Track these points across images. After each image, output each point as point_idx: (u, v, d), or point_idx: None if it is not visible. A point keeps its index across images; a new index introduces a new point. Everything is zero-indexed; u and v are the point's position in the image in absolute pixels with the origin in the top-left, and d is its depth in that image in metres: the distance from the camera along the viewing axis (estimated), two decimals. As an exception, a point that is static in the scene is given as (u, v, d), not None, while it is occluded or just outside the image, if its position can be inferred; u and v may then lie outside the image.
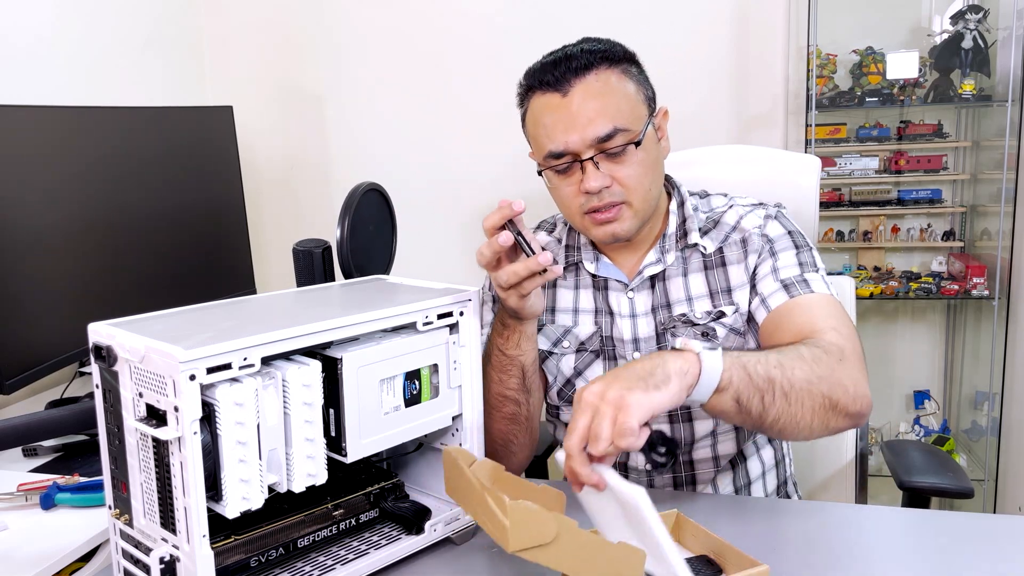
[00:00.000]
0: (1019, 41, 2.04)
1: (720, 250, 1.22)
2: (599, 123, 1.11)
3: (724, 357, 0.90)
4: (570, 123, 1.12)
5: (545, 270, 0.99)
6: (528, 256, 0.99)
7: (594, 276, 1.26)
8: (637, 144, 1.13)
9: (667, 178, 1.27)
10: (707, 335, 1.20)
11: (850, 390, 0.99)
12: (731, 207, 1.25)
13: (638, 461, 1.25)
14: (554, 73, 1.13)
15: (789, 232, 1.21)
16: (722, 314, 1.20)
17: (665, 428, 1.23)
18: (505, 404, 1.16)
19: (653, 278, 1.23)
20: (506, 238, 0.99)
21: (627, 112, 1.13)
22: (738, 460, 1.27)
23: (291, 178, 2.51)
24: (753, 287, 1.19)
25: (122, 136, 1.77)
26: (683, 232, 1.23)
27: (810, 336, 1.05)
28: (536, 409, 1.21)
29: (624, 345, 1.23)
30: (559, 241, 1.30)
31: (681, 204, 1.25)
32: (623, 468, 1.27)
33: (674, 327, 1.21)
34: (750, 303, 1.19)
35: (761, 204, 1.25)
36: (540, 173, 1.18)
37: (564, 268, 1.27)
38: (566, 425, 1.30)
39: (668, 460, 0.88)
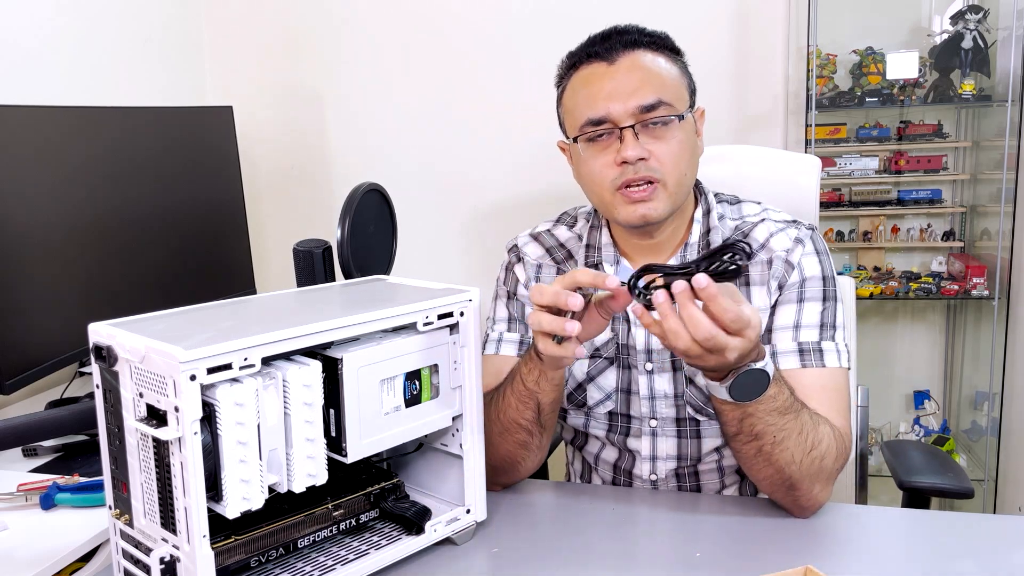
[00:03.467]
0: (1019, 41, 2.04)
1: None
2: (644, 92, 1.10)
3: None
4: (614, 90, 1.11)
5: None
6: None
7: None
8: (680, 119, 1.12)
9: (696, 183, 1.24)
10: None
11: (813, 497, 1.06)
12: (763, 220, 1.21)
13: (643, 470, 1.23)
14: (604, 44, 1.13)
15: (824, 278, 1.18)
16: None
17: (672, 443, 1.22)
18: (518, 431, 1.12)
19: None
20: (576, 301, 0.92)
21: (671, 89, 1.13)
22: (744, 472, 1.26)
23: (291, 178, 2.51)
24: (769, 329, 1.17)
25: (122, 136, 1.76)
26: (706, 243, 1.20)
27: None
28: (548, 441, 1.16)
29: (636, 354, 1.21)
30: (580, 239, 1.27)
31: (707, 212, 1.22)
32: (627, 475, 1.26)
33: None
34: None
35: (794, 222, 1.21)
36: (575, 140, 1.15)
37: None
38: (574, 429, 1.29)
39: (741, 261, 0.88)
